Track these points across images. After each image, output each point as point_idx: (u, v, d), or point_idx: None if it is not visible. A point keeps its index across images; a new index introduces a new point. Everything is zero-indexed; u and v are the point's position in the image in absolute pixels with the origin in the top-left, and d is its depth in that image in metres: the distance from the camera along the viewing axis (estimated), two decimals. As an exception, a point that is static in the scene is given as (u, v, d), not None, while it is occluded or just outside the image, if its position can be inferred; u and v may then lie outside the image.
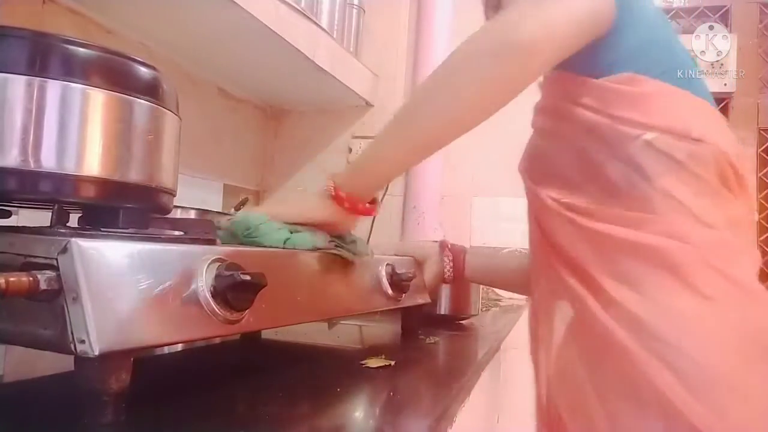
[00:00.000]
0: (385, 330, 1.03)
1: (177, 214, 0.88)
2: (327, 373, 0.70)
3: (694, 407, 0.62)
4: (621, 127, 0.70)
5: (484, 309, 1.39)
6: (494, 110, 0.70)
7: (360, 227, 1.83)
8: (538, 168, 0.81)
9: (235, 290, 0.50)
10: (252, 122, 1.72)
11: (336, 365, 0.75)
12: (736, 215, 0.72)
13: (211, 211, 0.99)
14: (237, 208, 1.22)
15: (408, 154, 0.75)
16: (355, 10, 1.67)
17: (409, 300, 0.90)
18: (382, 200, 1.69)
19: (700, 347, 0.64)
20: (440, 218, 1.69)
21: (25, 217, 0.65)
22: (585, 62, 0.73)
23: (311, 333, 0.96)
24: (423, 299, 0.97)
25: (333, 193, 0.74)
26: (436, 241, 1.09)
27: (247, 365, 0.74)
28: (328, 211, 0.75)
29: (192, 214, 0.90)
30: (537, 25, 0.66)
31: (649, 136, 0.69)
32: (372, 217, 0.79)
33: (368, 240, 1.67)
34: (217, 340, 0.85)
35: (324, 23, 1.47)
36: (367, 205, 0.77)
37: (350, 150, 1.75)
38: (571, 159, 0.76)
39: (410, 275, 0.87)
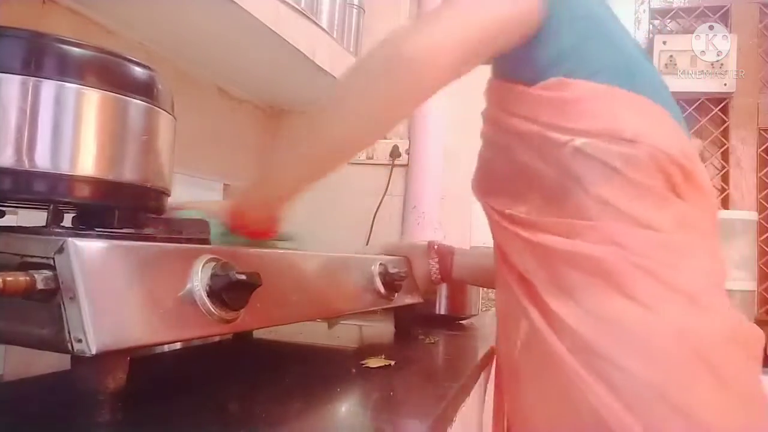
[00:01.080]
0: (385, 330, 1.03)
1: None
2: (327, 373, 0.69)
3: (631, 426, 0.59)
4: (549, 134, 0.68)
5: (484, 309, 1.39)
6: (392, 125, 0.71)
7: (360, 227, 1.82)
8: (484, 179, 0.81)
9: (231, 289, 0.50)
10: (252, 122, 1.72)
11: (336, 365, 0.75)
12: (686, 217, 0.68)
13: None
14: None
15: (307, 170, 0.70)
16: (355, 10, 1.67)
17: (401, 299, 0.90)
18: (380, 203, 1.69)
19: (637, 360, 0.61)
20: (440, 218, 1.69)
21: (22, 216, 0.65)
22: (518, 69, 0.72)
23: (311, 333, 0.96)
24: (415, 299, 0.98)
25: (230, 212, 0.71)
26: (426, 242, 1.09)
27: (246, 365, 0.74)
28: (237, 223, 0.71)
29: (191, 214, 0.90)
30: (426, 40, 0.63)
31: (578, 141, 0.67)
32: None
33: (368, 240, 1.67)
34: (216, 339, 0.85)
35: (324, 23, 1.46)
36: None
37: (350, 150, 1.75)
38: (510, 169, 0.75)
39: (402, 275, 0.88)
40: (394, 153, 1.72)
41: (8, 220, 0.57)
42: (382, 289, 0.85)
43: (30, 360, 0.66)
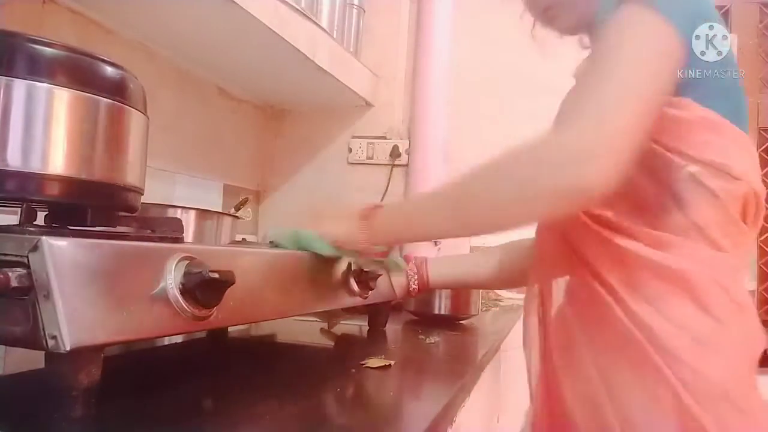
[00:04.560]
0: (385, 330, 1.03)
1: (177, 214, 0.88)
2: (327, 373, 0.70)
3: (701, 414, 0.67)
4: (666, 155, 0.72)
5: (484, 309, 1.39)
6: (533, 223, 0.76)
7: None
8: None
9: (204, 287, 0.50)
10: (252, 122, 1.72)
11: (336, 365, 0.75)
12: (743, 241, 0.76)
13: (211, 211, 0.98)
14: (237, 208, 1.22)
15: (442, 232, 0.82)
16: (355, 10, 1.67)
17: (375, 297, 0.91)
18: (382, 200, 1.70)
19: (707, 365, 0.69)
20: (440, 218, 1.69)
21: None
22: None
23: (311, 333, 0.96)
24: (389, 297, 0.99)
25: (359, 231, 0.78)
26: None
27: (244, 364, 0.74)
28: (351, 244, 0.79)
29: (192, 214, 0.90)
30: (604, 160, 0.61)
31: (693, 168, 0.71)
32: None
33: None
34: (204, 335, 0.85)
35: (324, 23, 1.46)
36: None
37: (350, 150, 1.75)
38: None
39: (377, 273, 0.88)
40: (394, 153, 1.72)
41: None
42: (355, 287, 0.85)
43: (32, 360, 0.66)
